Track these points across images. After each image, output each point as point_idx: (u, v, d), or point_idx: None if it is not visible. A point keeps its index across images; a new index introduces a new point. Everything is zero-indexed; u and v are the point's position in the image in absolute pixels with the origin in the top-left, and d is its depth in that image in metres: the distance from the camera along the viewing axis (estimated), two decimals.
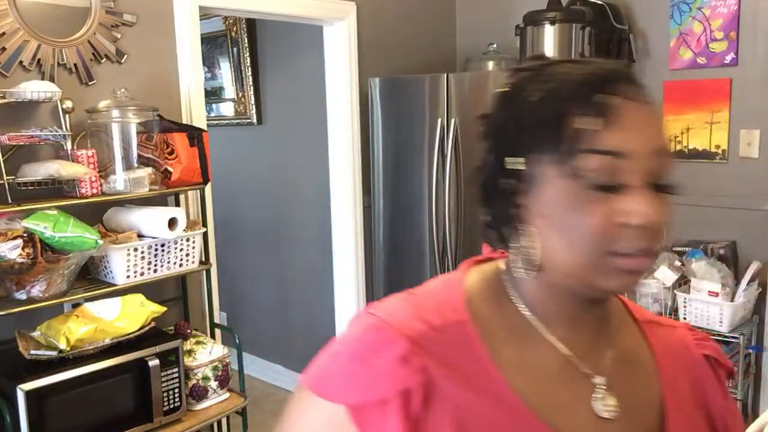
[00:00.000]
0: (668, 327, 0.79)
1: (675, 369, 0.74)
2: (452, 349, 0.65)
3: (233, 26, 3.95)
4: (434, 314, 0.67)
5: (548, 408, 0.65)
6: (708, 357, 0.77)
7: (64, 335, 1.86)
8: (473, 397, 0.63)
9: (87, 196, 2.00)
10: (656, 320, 0.79)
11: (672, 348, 0.76)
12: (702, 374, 0.76)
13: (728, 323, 2.58)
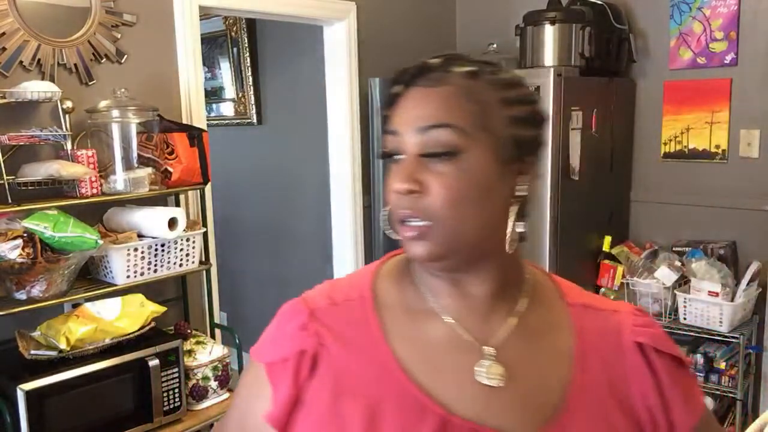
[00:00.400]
0: (605, 311, 0.79)
1: (595, 353, 0.75)
2: (348, 320, 0.76)
3: (233, 26, 3.95)
4: (341, 293, 0.79)
5: (428, 374, 0.72)
6: (641, 344, 0.76)
7: (64, 335, 1.86)
8: (357, 362, 0.73)
9: (87, 196, 2.00)
10: (591, 304, 0.80)
11: (599, 332, 0.77)
12: (628, 361, 0.75)
13: (728, 323, 2.59)
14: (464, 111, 0.70)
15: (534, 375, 0.73)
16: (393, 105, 0.74)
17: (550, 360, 0.74)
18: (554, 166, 2.57)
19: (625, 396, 0.74)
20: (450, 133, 0.69)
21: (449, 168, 0.69)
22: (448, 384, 0.71)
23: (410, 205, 0.70)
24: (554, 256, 2.63)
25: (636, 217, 3.16)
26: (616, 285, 2.84)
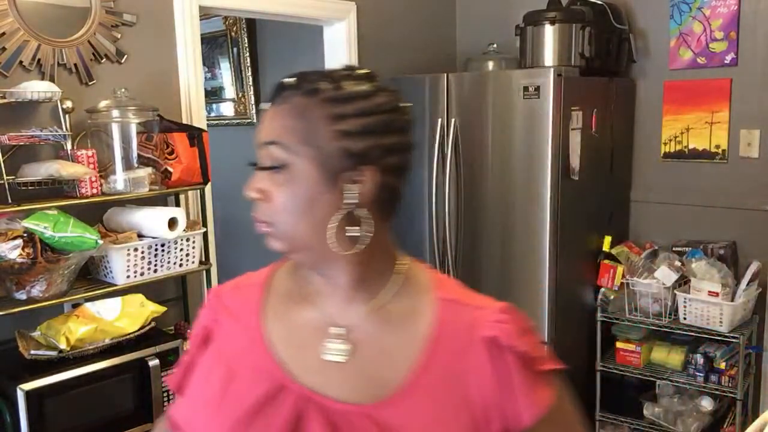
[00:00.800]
0: (470, 306, 0.84)
1: (447, 344, 0.81)
2: (242, 301, 0.91)
3: (233, 26, 3.95)
4: (248, 279, 0.94)
5: (286, 348, 0.84)
6: (490, 339, 0.79)
7: (64, 335, 1.86)
8: (236, 334, 0.88)
9: (87, 196, 2.00)
10: (459, 299, 0.85)
11: (457, 325, 0.82)
12: (473, 355, 0.79)
13: (728, 323, 2.59)
14: (290, 128, 0.79)
15: (380, 355, 0.81)
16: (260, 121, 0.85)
17: (400, 344, 0.81)
18: (554, 166, 2.57)
19: (463, 387, 0.78)
20: (277, 149, 0.79)
21: (280, 179, 0.79)
22: (299, 358, 0.83)
23: (255, 208, 0.82)
24: (554, 256, 2.63)
25: (636, 217, 3.16)
26: (616, 285, 2.84)
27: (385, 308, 0.83)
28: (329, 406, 0.78)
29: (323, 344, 0.82)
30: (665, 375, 2.78)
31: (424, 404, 0.78)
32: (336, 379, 0.80)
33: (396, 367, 0.80)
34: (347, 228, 0.80)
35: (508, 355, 0.79)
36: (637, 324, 2.82)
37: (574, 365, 2.89)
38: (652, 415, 2.85)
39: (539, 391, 0.81)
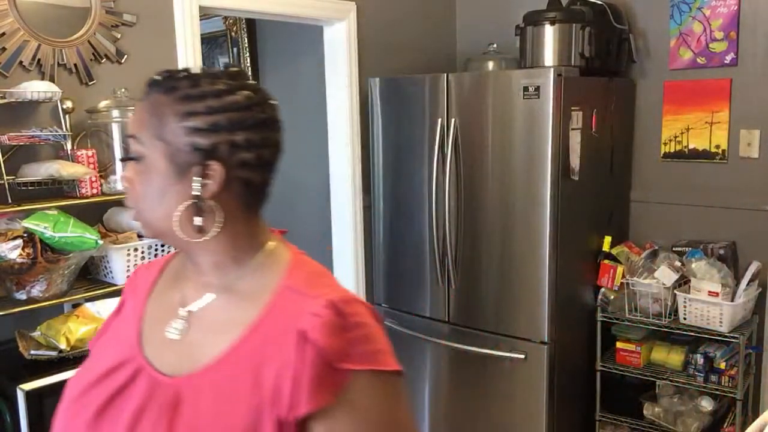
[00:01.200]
0: (306, 296, 0.85)
1: (266, 329, 0.84)
2: (144, 279, 1.01)
3: (233, 26, 3.95)
4: (158, 260, 1.05)
5: (150, 325, 0.93)
6: (299, 331, 0.80)
7: (64, 335, 1.86)
8: (129, 309, 0.98)
9: (87, 196, 2.00)
10: (299, 288, 0.87)
11: (282, 313, 0.84)
12: (284, 344, 0.81)
13: (728, 323, 2.59)
14: (145, 123, 0.86)
15: (207, 335, 0.87)
16: None
17: (227, 326, 0.86)
18: (554, 166, 2.57)
19: (262, 370, 0.81)
20: (135, 143, 0.87)
21: (139, 170, 0.87)
22: (152, 334, 0.92)
23: (126, 198, 0.91)
24: (554, 256, 2.63)
25: (636, 217, 3.16)
26: (616, 285, 2.84)
27: (230, 292, 0.89)
28: (154, 377, 0.86)
29: (170, 323, 0.91)
30: (665, 375, 2.78)
31: (220, 381, 0.82)
32: (167, 355, 0.88)
33: (216, 346, 0.85)
34: (194, 218, 0.86)
35: (310, 349, 0.79)
36: (637, 324, 2.82)
37: (574, 365, 2.89)
38: (652, 415, 2.85)
39: (325, 387, 0.79)
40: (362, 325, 0.84)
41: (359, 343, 0.82)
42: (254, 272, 0.90)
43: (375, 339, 0.84)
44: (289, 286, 0.87)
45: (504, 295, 2.77)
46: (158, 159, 0.85)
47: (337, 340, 0.80)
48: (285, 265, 0.91)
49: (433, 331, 3.00)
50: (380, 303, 3.24)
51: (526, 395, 2.76)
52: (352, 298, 0.86)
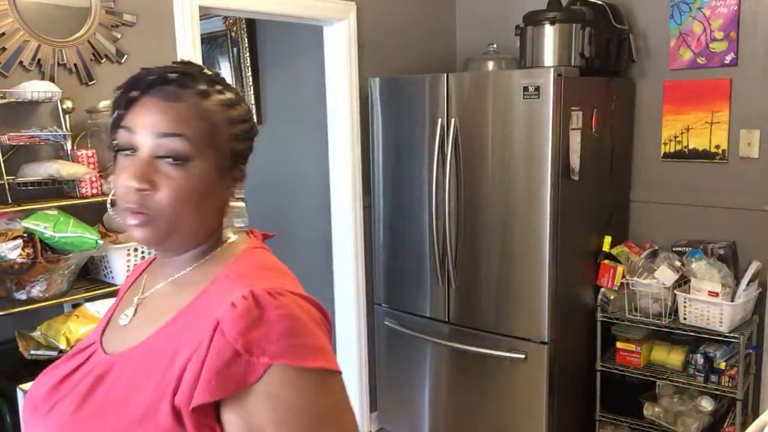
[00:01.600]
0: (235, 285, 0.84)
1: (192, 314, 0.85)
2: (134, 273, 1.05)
3: (233, 26, 3.95)
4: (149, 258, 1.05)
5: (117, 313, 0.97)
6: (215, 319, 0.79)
7: (64, 335, 1.86)
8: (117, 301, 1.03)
9: (87, 196, 2.00)
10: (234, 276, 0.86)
11: (210, 300, 0.84)
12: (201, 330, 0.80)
13: (728, 323, 2.59)
14: (195, 127, 0.84)
15: (147, 318, 0.90)
16: (129, 107, 0.85)
17: (165, 310, 0.88)
18: (554, 166, 2.57)
19: (176, 356, 0.81)
20: (182, 142, 0.83)
21: (178, 173, 0.83)
22: (114, 322, 0.96)
23: (138, 200, 0.83)
24: (554, 256, 2.63)
25: (636, 217, 3.16)
26: (616, 285, 2.84)
27: (179, 280, 0.91)
28: (99, 358, 0.90)
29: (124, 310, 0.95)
30: (665, 375, 2.78)
31: (140, 361, 0.84)
32: (115, 337, 0.92)
33: (149, 329, 0.87)
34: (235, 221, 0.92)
35: (220, 338, 0.78)
36: (637, 324, 2.82)
37: (574, 365, 2.89)
38: (652, 415, 2.85)
39: (230, 378, 0.77)
40: (285, 318, 0.79)
41: (278, 337, 0.78)
42: (203, 264, 0.91)
43: (299, 334, 0.79)
44: (227, 275, 0.87)
45: (504, 295, 2.77)
46: (206, 164, 0.85)
47: (251, 333, 0.77)
48: (237, 254, 0.91)
49: (433, 331, 3.00)
50: (380, 303, 3.24)
51: (526, 395, 2.76)
52: (284, 290, 0.82)
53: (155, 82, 0.85)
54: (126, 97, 0.85)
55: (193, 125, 0.84)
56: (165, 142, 0.83)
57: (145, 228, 0.85)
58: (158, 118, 0.83)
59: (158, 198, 0.83)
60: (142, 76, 0.86)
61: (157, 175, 0.83)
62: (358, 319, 3.28)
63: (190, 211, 0.85)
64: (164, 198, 0.83)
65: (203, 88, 0.86)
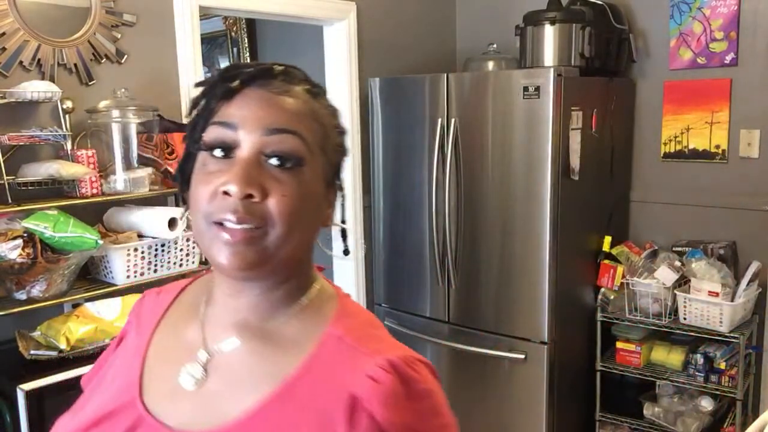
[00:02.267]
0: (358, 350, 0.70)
1: (310, 384, 0.69)
2: (152, 309, 0.84)
3: (233, 26, 3.95)
4: (170, 287, 0.87)
5: (156, 365, 0.77)
6: (351, 395, 0.67)
7: (64, 335, 1.86)
8: (132, 343, 0.82)
9: (87, 196, 2.00)
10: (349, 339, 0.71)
11: (330, 370, 0.70)
12: (332, 403, 0.67)
13: (728, 323, 2.58)
14: (309, 127, 0.72)
15: (232, 386, 0.71)
16: (228, 99, 0.71)
17: (258, 377, 0.71)
18: (554, 166, 2.57)
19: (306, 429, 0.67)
20: (297, 141, 0.70)
21: (288, 177, 0.69)
22: (159, 377, 0.75)
23: (244, 209, 0.66)
24: (554, 256, 2.63)
25: (636, 217, 3.16)
26: (616, 285, 2.84)
27: (264, 337, 0.73)
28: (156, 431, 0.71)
29: (183, 367, 0.74)
30: (665, 375, 2.78)
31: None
32: (179, 406, 0.72)
33: (242, 401, 0.69)
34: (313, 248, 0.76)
35: (365, 421, 0.65)
36: (637, 324, 2.82)
37: (574, 365, 2.89)
38: (652, 415, 2.85)
39: None
40: (429, 394, 0.70)
41: (427, 417, 0.69)
42: (298, 315, 0.74)
43: (443, 410, 0.71)
44: (338, 336, 0.71)
45: (504, 295, 2.77)
46: (316, 171, 0.72)
47: (401, 413, 0.66)
48: (332, 309, 0.75)
49: (433, 331, 3.00)
50: (380, 303, 3.24)
51: (526, 395, 2.76)
52: (415, 357, 0.71)
53: (260, 73, 0.72)
54: (222, 88, 0.71)
55: (308, 124, 0.72)
56: (275, 139, 0.69)
57: (248, 247, 0.67)
58: (268, 113, 0.69)
59: (269, 206, 0.67)
60: (240, 67, 0.73)
61: (266, 180, 0.68)
62: None
63: (300, 228, 0.70)
64: (276, 206, 0.67)
65: (310, 87, 0.75)
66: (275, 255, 0.69)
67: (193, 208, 0.70)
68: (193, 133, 0.72)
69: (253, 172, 0.67)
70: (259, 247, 0.68)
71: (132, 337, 0.83)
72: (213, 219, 0.68)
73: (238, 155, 0.68)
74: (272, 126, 0.69)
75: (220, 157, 0.69)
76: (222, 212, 0.67)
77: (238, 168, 0.67)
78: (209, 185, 0.68)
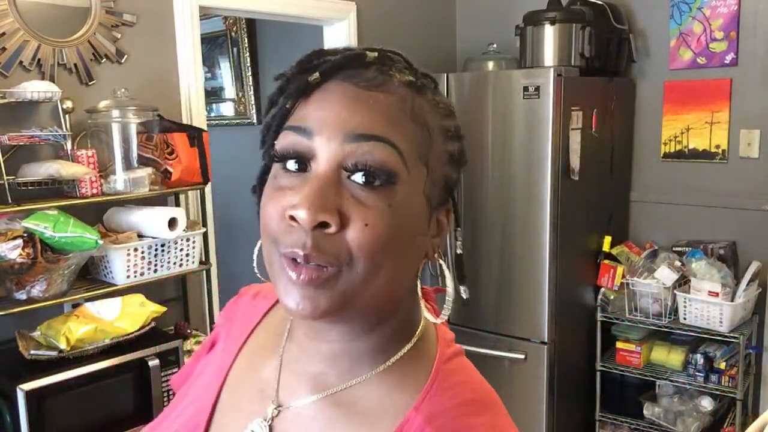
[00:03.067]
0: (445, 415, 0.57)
1: None
2: (246, 315, 0.72)
3: (233, 26, 3.95)
4: (269, 292, 0.72)
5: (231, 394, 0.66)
6: None
7: (64, 335, 1.86)
8: (220, 352, 0.71)
9: (87, 196, 2.00)
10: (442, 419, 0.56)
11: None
12: None
13: (728, 323, 2.58)
14: (407, 132, 0.55)
15: None
16: (306, 97, 0.56)
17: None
18: (554, 166, 2.57)
19: None
20: (388, 151, 0.53)
21: (376, 199, 0.53)
22: (229, 412, 0.65)
23: (314, 242, 0.52)
24: (554, 256, 2.63)
25: (636, 217, 3.16)
26: (616, 285, 2.84)
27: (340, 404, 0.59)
28: None
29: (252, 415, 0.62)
30: (665, 375, 2.78)
31: None
32: None
33: None
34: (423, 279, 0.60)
35: None
36: (637, 324, 2.82)
37: (574, 365, 2.89)
38: (652, 415, 2.85)
39: None
40: None
41: None
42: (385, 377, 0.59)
43: None
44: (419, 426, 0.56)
45: (504, 295, 2.77)
46: (416, 190, 0.56)
47: None
48: (426, 374, 0.60)
49: None
50: None
51: (526, 395, 2.76)
52: None
53: (346, 62, 0.56)
54: (299, 82, 0.56)
55: (404, 128, 0.55)
56: (360, 148, 0.53)
57: (321, 291, 0.53)
58: (352, 114, 0.54)
59: (349, 239, 0.52)
60: (323, 54, 0.58)
61: (346, 203, 0.52)
62: None
63: (390, 265, 0.54)
64: (356, 238, 0.52)
65: (413, 79, 0.57)
66: (356, 299, 0.54)
67: (261, 227, 0.56)
68: (264, 140, 0.59)
69: (328, 193, 0.52)
70: (334, 291, 0.53)
71: (220, 347, 0.72)
72: (280, 248, 0.54)
73: (314, 169, 0.54)
74: (356, 131, 0.53)
75: (294, 171, 0.55)
76: (288, 244, 0.53)
77: (310, 188, 0.52)
78: (277, 204, 0.54)
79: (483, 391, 0.61)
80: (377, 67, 0.56)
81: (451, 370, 0.61)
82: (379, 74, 0.56)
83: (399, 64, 0.58)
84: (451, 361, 0.63)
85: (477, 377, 0.64)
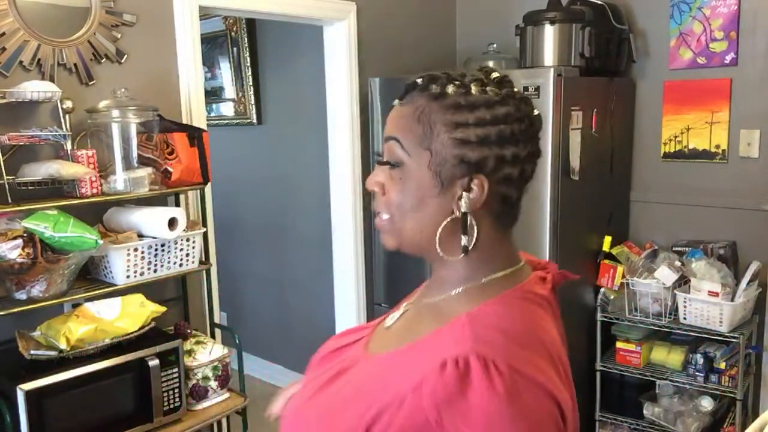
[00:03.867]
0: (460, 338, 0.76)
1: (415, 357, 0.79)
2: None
3: (233, 26, 3.95)
4: None
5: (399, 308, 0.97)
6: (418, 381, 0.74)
7: (64, 335, 1.86)
8: None
9: (87, 196, 2.00)
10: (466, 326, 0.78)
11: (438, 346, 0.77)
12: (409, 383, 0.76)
13: (728, 323, 2.58)
14: (409, 129, 0.83)
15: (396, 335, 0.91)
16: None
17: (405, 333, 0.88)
18: (554, 166, 2.57)
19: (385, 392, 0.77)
20: (395, 145, 0.84)
21: (395, 175, 0.84)
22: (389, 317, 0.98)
23: (374, 201, 0.88)
24: (554, 256, 2.63)
25: (636, 217, 3.16)
26: (616, 285, 2.84)
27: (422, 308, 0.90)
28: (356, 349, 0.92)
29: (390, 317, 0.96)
30: (665, 375, 2.78)
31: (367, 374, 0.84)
32: (377, 336, 0.94)
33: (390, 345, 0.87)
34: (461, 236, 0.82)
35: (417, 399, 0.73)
36: (637, 324, 2.82)
37: (574, 365, 2.88)
38: (652, 415, 2.85)
39: None
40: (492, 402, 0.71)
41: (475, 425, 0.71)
42: (456, 298, 0.86)
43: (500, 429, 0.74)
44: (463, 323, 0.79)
45: None
46: (421, 168, 0.82)
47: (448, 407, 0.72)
48: (491, 296, 0.84)
49: None
50: (380, 303, 3.24)
51: None
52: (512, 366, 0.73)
53: (406, 88, 0.86)
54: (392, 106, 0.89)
55: (407, 126, 0.83)
56: (385, 146, 0.86)
57: (383, 233, 0.88)
58: (388, 124, 0.87)
59: (386, 199, 0.85)
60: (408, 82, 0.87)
61: (386, 179, 0.86)
62: (358, 318, 3.28)
63: (409, 215, 0.84)
64: (387, 201, 0.85)
65: (439, 91, 0.82)
66: (403, 238, 0.85)
67: None
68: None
69: (377, 175, 0.87)
70: (390, 232, 0.87)
71: None
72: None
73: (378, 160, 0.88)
74: (385, 135, 0.87)
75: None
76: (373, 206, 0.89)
77: (373, 171, 0.88)
78: None
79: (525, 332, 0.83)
80: (419, 89, 0.84)
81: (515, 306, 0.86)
82: (417, 92, 0.84)
83: (440, 81, 0.83)
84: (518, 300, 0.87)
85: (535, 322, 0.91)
